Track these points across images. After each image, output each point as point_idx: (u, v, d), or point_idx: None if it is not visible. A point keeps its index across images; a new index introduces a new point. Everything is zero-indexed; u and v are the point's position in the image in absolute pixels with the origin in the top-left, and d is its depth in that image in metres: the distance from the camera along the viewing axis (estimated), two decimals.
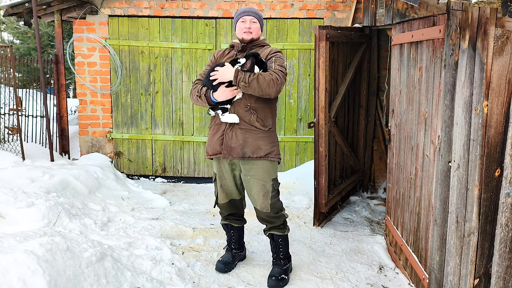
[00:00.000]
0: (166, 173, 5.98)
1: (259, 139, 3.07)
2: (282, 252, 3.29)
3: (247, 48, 3.14)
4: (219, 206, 3.39)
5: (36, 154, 5.50)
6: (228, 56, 3.20)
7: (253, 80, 2.86)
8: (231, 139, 3.07)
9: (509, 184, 2.05)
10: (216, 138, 3.12)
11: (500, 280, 2.13)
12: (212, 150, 3.16)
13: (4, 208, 3.70)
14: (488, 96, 2.06)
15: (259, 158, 3.08)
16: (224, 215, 3.43)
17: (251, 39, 3.12)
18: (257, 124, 3.06)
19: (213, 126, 3.18)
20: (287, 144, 5.78)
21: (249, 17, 3.11)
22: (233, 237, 3.48)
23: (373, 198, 5.38)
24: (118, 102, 5.88)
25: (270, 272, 3.28)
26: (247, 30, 3.10)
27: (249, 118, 3.05)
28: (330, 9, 5.53)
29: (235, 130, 3.06)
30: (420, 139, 3.02)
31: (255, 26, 3.12)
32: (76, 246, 2.88)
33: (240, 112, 3.05)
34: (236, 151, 3.07)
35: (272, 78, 2.88)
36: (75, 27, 5.76)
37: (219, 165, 3.22)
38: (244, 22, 3.11)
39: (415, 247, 3.14)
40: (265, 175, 3.12)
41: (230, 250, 3.51)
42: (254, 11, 3.16)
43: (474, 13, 2.15)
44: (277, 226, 3.24)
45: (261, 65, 2.96)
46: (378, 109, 5.48)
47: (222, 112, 3.07)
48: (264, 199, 3.14)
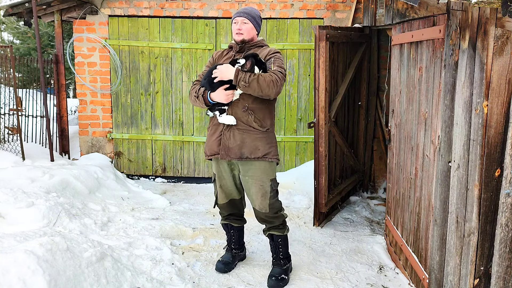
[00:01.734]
0: (166, 173, 5.98)
1: (256, 140, 3.07)
2: (281, 252, 3.29)
3: (245, 48, 3.13)
4: (219, 207, 3.38)
5: (36, 154, 5.50)
6: (226, 57, 3.19)
7: (253, 80, 2.86)
8: (229, 140, 3.06)
9: (509, 184, 2.05)
10: (214, 138, 3.13)
11: (500, 280, 2.13)
12: (210, 150, 3.17)
13: (4, 208, 3.70)
14: (488, 96, 2.06)
15: (257, 159, 3.08)
16: (224, 215, 3.43)
17: (242, 40, 3.10)
18: (255, 125, 3.05)
19: (211, 126, 3.19)
20: (287, 144, 5.78)
21: (241, 18, 3.09)
22: (233, 237, 3.47)
23: (373, 198, 5.38)
24: (118, 102, 5.88)
25: (270, 272, 3.28)
26: (238, 31, 3.09)
27: (247, 119, 3.04)
28: (330, 9, 5.53)
29: (232, 131, 3.06)
30: (420, 139, 3.02)
31: (246, 27, 3.09)
32: (76, 246, 2.88)
33: (238, 112, 3.04)
34: (234, 152, 3.06)
35: (272, 79, 2.87)
36: (75, 27, 5.76)
37: (218, 165, 3.21)
38: (236, 24, 3.11)
39: (415, 247, 3.13)
40: (263, 175, 3.12)
41: (230, 250, 3.50)
42: (246, 12, 3.12)
43: (474, 13, 2.15)
44: (276, 226, 3.24)
45: (260, 66, 2.95)
46: (378, 109, 5.48)
47: (220, 113, 3.07)
48: (262, 199, 3.13)
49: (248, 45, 3.14)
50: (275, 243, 3.28)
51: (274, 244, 3.29)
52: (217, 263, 3.43)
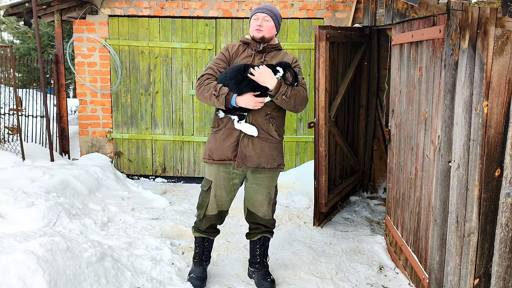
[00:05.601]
0: (166, 173, 5.98)
1: (274, 149, 2.97)
2: (267, 253, 3.29)
3: (266, 49, 2.98)
4: (205, 218, 3.09)
5: (36, 154, 5.50)
6: (245, 54, 2.99)
7: (292, 96, 2.76)
8: (247, 147, 2.89)
9: (509, 184, 2.05)
10: (229, 144, 2.91)
11: (500, 280, 2.13)
12: (221, 155, 2.93)
13: (4, 208, 3.70)
14: (488, 96, 2.06)
15: (271, 169, 3.00)
16: (203, 228, 3.14)
17: (261, 37, 2.95)
18: (274, 134, 2.95)
19: (223, 129, 2.93)
20: (287, 144, 5.78)
21: (262, 14, 2.96)
22: (205, 250, 3.22)
23: (373, 198, 5.38)
24: (118, 102, 5.88)
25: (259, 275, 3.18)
26: (258, 28, 2.93)
27: (267, 127, 2.92)
28: (330, 9, 5.53)
29: (252, 138, 2.89)
30: (420, 139, 3.02)
31: (267, 25, 2.95)
32: (76, 246, 2.88)
33: (259, 120, 2.89)
34: (251, 161, 2.90)
35: (304, 96, 2.82)
36: (75, 27, 5.76)
37: (219, 172, 3.00)
38: (256, 20, 2.96)
39: (415, 247, 3.13)
40: (271, 183, 3.08)
41: (201, 264, 3.21)
42: (268, 9, 2.98)
43: (474, 13, 2.15)
44: (270, 230, 3.22)
45: (296, 79, 2.80)
46: (378, 109, 5.48)
47: (239, 119, 2.85)
48: (268, 206, 3.10)
49: (269, 46, 2.99)
50: (264, 246, 3.24)
51: (264, 247, 3.24)
52: (192, 279, 3.10)
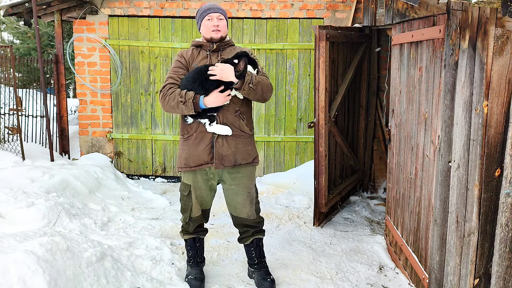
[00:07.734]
0: (166, 173, 5.98)
1: (247, 145, 2.97)
2: (263, 253, 3.26)
3: (219, 48, 2.93)
4: (192, 220, 3.12)
5: (36, 154, 5.50)
6: (201, 56, 2.94)
7: (257, 83, 2.73)
8: (222, 147, 2.88)
9: (509, 184, 2.05)
10: (203, 147, 2.88)
11: (500, 280, 2.13)
12: (197, 161, 2.91)
13: (4, 208, 3.69)
14: (488, 96, 2.06)
15: (246, 164, 2.98)
16: (191, 229, 3.17)
17: (220, 37, 2.90)
18: (246, 129, 2.94)
19: (194, 134, 2.90)
20: (287, 144, 5.78)
21: (216, 14, 2.89)
22: (198, 249, 3.24)
23: (373, 198, 5.38)
24: (118, 102, 5.88)
25: (259, 275, 3.17)
26: (215, 28, 2.87)
27: (239, 123, 2.90)
28: (330, 9, 5.53)
29: (226, 137, 2.88)
30: (420, 139, 3.02)
31: (223, 24, 2.90)
32: (76, 246, 2.88)
33: (230, 117, 2.87)
34: (228, 160, 2.90)
35: (268, 82, 2.80)
36: (75, 27, 5.76)
37: (196, 176, 2.98)
38: (211, 20, 2.88)
39: (415, 247, 3.13)
40: (249, 182, 3.04)
41: (197, 265, 3.23)
42: (219, 7, 2.93)
43: (474, 13, 2.15)
44: (259, 230, 3.20)
45: (253, 66, 2.75)
46: (378, 109, 5.48)
47: (210, 122, 2.81)
48: (250, 206, 3.06)
49: (223, 43, 2.94)
50: (259, 247, 3.22)
51: (258, 248, 3.21)
52: (191, 280, 3.10)
